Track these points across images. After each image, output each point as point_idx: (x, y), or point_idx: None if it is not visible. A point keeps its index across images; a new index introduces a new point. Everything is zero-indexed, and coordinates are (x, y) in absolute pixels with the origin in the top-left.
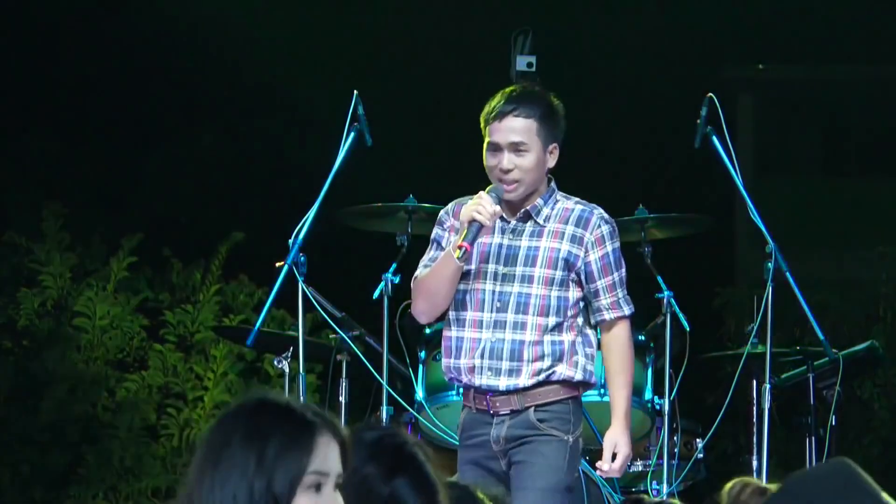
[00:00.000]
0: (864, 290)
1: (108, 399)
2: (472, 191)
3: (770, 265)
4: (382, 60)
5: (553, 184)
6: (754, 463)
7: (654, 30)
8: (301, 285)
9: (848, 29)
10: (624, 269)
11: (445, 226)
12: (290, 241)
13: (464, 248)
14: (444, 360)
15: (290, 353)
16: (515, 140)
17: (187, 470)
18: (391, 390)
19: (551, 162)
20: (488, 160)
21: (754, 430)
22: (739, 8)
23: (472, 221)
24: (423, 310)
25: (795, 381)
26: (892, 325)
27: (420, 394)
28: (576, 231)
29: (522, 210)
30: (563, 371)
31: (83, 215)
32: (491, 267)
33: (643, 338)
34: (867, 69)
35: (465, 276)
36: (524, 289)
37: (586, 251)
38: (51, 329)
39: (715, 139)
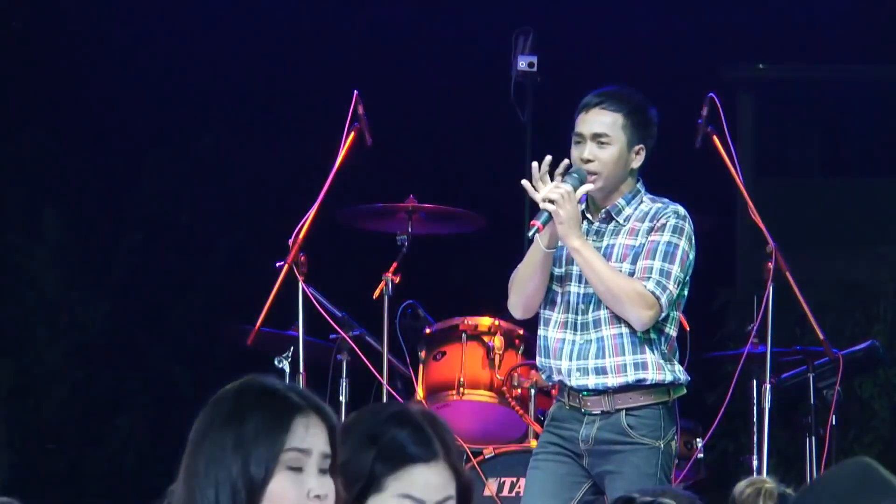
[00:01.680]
0: (864, 290)
1: (108, 399)
2: (473, 188)
3: (770, 265)
4: (382, 60)
5: (640, 185)
6: (754, 463)
7: (654, 30)
8: (301, 285)
9: (848, 29)
10: (676, 268)
11: None
12: (290, 241)
13: (535, 227)
14: (538, 358)
15: (290, 353)
16: (598, 131)
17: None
18: (391, 390)
19: (636, 163)
20: (572, 151)
21: (754, 429)
22: (739, 8)
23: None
24: (514, 302)
25: (796, 381)
26: (893, 325)
27: (420, 393)
28: (649, 225)
29: (604, 210)
30: (653, 376)
31: (83, 215)
32: (575, 269)
33: None
34: (867, 69)
35: (556, 278)
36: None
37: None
38: (51, 329)
39: (716, 139)
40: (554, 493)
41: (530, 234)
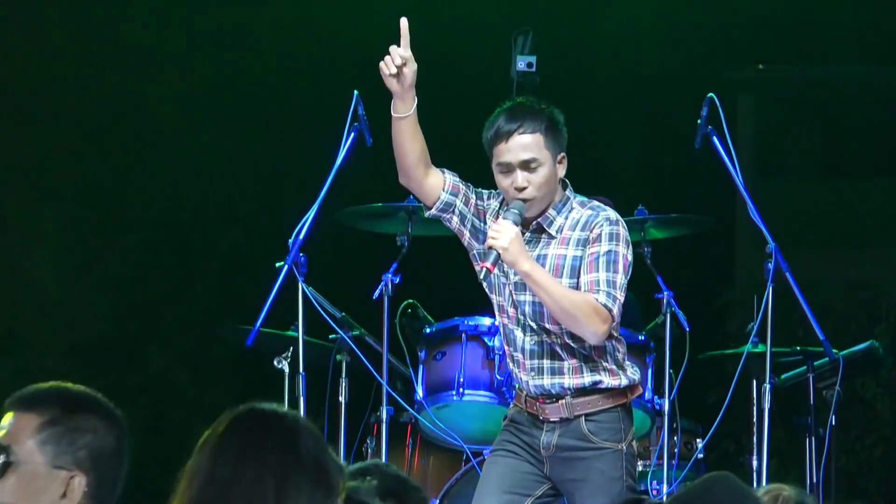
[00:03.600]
0: (866, 291)
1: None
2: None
3: (770, 265)
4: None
5: (568, 191)
6: (754, 463)
7: (654, 30)
8: (301, 285)
9: (848, 29)
10: (620, 276)
11: (484, 197)
12: (290, 241)
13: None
14: (504, 344)
15: (290, 353)
16: (526, 158)
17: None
18: (391, 390)
19: (561, 172)
20: (501, 181)
21: (754, 430)
22: (739, 8)
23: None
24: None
25: (796, 381)
26: (895, 325)
27: (420, 394)
28: (581, 234)
29: (535, 223)
30: (609, 381)
31: (83, 215)
32: (511, 276)
33: (643, 338)
34: (867, 69)
35: (502, 272)
36: (536, 298)
37: (584, 251)
38: (51, 329)
39: (715, 139)
40: (511, 486)
41: (481, 276)
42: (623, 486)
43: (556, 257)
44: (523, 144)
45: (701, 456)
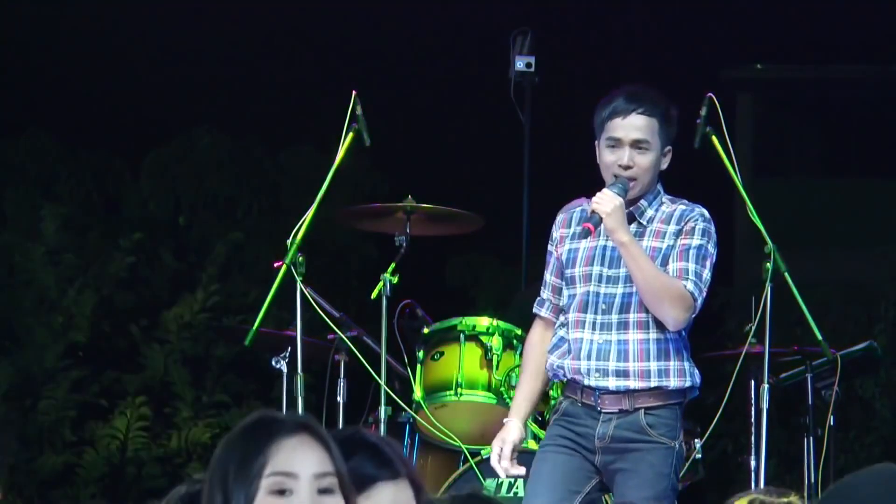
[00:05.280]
0: (865, 290)
1: (105, 398)
2: (472, 189)
3: (769, 265)
4: (382, 60)
5: (660, 185)
6: (753, 463)
7: (653, 30)
8: (300, 285)
9: (848, 29)
10: (707, 272)
11: (554, 238)
12: (289, 241)
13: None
14: (549, 357)
15: (288, 354)
16: (638, 137)
17: None
18: (389, 390)
19: (665, 164)
20: (606, 156)
21: (752, 430)
22: (739, 8)
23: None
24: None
25: (794, 381)
26: (894, 325)
27: (418, 394)
28: (675, 227)
29: (626, 211)
30: (675, 383)
31: (82, 215)
32: (596, 269)
33: None
34: (867, 69)
35: (576, 278)
36: (628, 289)
37: (676, 241)
38: (49, 329)
39: (715, 139)
40: (562, 483)
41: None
42: (669, 483)
43: (650, 249)
44: (638, 125)
45: (699, 456)
